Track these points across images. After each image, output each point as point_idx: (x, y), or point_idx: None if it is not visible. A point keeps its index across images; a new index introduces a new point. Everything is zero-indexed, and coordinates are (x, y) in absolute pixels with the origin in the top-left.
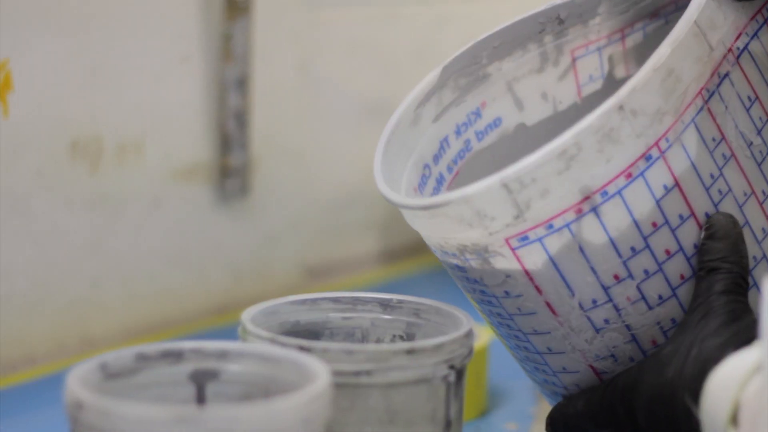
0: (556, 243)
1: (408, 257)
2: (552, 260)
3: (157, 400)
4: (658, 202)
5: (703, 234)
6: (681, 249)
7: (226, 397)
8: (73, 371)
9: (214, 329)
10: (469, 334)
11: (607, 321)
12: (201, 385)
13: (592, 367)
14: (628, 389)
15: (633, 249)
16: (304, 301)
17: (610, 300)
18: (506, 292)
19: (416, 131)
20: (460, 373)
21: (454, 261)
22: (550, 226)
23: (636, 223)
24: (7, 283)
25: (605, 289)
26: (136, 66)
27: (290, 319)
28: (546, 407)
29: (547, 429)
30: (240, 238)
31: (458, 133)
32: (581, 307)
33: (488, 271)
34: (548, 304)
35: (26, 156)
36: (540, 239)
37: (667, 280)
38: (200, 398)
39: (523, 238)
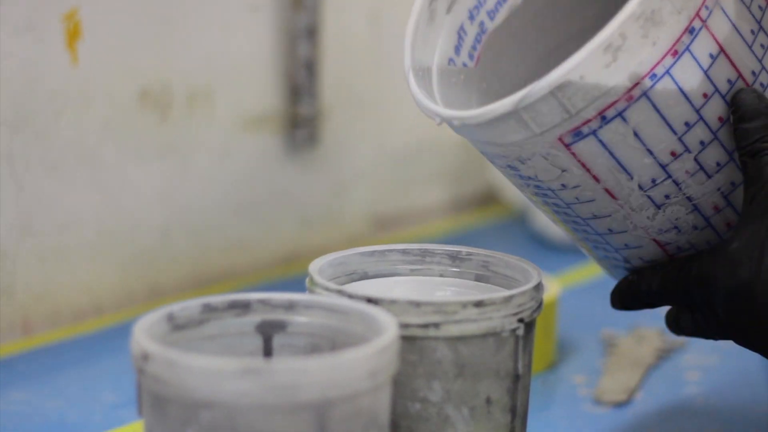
0: (610, 133)
1: (477, 208)
2: (608, 149)
3: (224, 352)
4: (706, 72)
5: (732, 118)
6: None
7: (292, 349)
8: (140, 322)
9: (282, 279)
10: (538, 288)
11: (667, 196)
12: (268, 336)
13: (655, 240)
14: (702, 281)
15: (687, 124)
16: (372, 253)
17: (669, 176)
18: (563, 185)
19: (434, 27)
20: (529, 327)
21: (505, 162)
22: (603, 118)
23: (687, 98)
24: (75, 233)
25: (663, 167)
26: (206, 15)
27: (358, 270)
28: (614, 362)
29: (613, 301)
30: (309, 188)
31: (471, 18)
32: (641, 188)
33: (542, 169)
34: (607, 191)
35: (95, 105)
36: (594, 132)
37: (723, 146)
38: (267, 350)
39: (577, 134)
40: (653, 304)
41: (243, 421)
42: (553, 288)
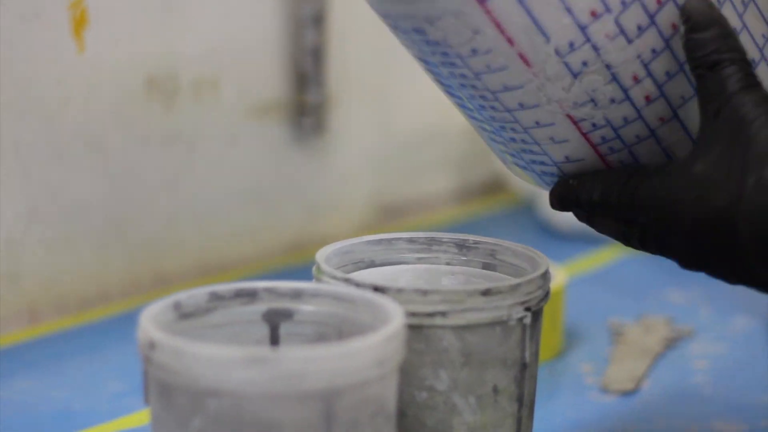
0: None
1: (483, 196)
2: (524, 6)
3: (230, 341)
4: None
5: (682, 28)
6: None
7: (299, 338)
8: (147, 310)
9: (289, 267)
10: (545, 276)
11: (585, 63)
12: (274, 325)
13: (569, 116)
14: (657, 206)
15: None
16: (379, 241)
17: (588, 40)
18: (473, 50)
19: None
20: (536, 315)
21: (411, 24)
22: None
23: None
24: (82, 221)
25: (582, 28)
26: (213, 2)
27: (365, 258)
28: (622, 350)
29: (552, 203)
30: (315, 176)
31: None
32: (557, 53)
33: (453, 31)
34: (521, 56)
35: (102, 93)
36: None
37: (644, 8)
38: (274, 339)
39: None
40: (597, 216)
41: (250, 409)
42: (560, 276)
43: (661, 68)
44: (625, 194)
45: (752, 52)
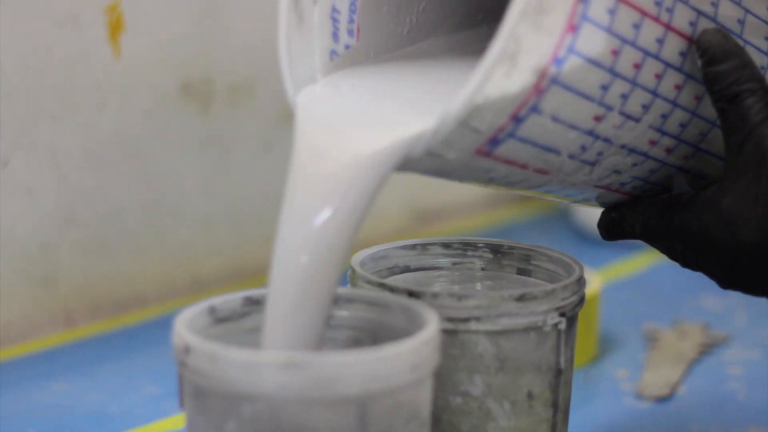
0: (527, 129)
1: (518, 201)
2: (529, 142)
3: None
4: (609, 30)
5: (700, 62)
6: (647, 54)
7: (334, 343)
8: (182, 315)
9: None
10: (580, 281)
11: (600, 153)
12: None
13: (597, 186)
14: (690, 237)
15: (603, 87)
16: (414, 246)
17: (598, 137)
18: (490, 179)
19: (304, 28)
20: (571, 321)
21: (422, 173)
22: (517, 119)
23: (597, 64)
24: (118, 225)
25: (589, 132)
26: (248, 7)
27: (400, 263)
28: (657, 356)
29: (602, 235)
30: None
31: None
32: (571, 157)
33: (466, 174)
34: (537, 171)
35: (137, 97)
36: (510, 135)
37: (644, 88)
38: None
39: (494, 142)
40: (644, 241)
41: (284, 414)
42: (595, 282)
43: (674, 124)
44: (662, 225)
45: (759, 60)
